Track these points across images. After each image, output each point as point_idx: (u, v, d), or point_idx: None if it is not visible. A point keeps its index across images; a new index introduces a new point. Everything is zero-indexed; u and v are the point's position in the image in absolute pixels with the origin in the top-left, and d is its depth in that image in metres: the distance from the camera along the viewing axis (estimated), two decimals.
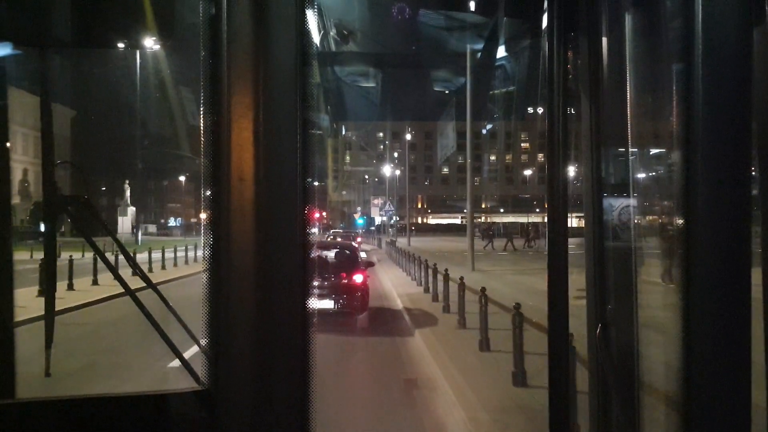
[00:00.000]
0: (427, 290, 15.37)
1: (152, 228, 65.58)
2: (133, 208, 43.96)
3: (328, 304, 11.08)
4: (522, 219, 72.24)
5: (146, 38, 1.65)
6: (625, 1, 1.86)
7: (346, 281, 11.56)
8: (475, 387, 6.65)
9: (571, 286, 1.83)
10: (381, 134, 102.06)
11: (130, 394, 1.25)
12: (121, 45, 1.70)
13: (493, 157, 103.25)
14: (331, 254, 12.81)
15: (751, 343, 1.28)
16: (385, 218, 55.77)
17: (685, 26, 1.30)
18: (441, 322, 11.15)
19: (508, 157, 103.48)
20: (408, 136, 48.36)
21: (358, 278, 11.72)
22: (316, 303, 1.14)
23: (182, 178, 71.48)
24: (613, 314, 1.85)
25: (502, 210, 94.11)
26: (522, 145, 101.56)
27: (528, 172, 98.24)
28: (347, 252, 13.30)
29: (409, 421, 5.90)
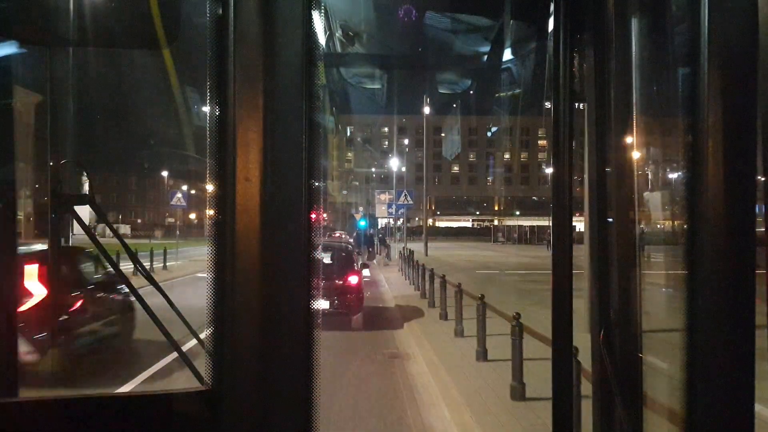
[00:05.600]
0: None
1: (126, 228, 59.83)
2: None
3: (323, 304, 11.55)
4: (544, 222, 69.60)
5: (152, 38, 1.65)
6: (631, 3, 1.85)
7: (341, 282, 12.06)
8: None
9: None
10: (386, 129, 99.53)
11: (134, 394, 1.26)
12: (127, 45, 1.70)
13: (507, 155, 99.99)
14: (327, 256, 13.13)
15: (755, 348, 1.27)
16: (392, 218, 48.43)
17: (691, 29, 1.30)
18: None
19: (523, 155, 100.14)
20: (426, 110, 41.30)
21: (353, 279, 12.23)
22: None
23: (165, 174, 69.75)
24: (617, 318, 1.84)
25: (518, 213, 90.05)
26: (540, 142, 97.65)
27: (549, 170, 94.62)
28: (343, 254, 13.55)
29: None
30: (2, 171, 1.69)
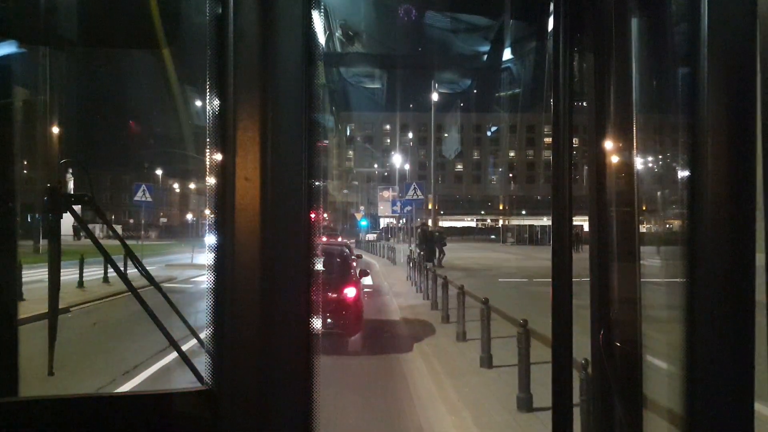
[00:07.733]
0: None
1: (117, 229, 57.73)
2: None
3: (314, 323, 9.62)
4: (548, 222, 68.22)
5: (152, 38, 1.65)
6: (631, 3, 1.85)
7: (336, 296, 9.61)
8: None
9: None
10: (388, 126, 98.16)
11: (134, 393, 1.26)
12: (127, 44, 1.70)
13: (512, 153, 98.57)
14: (318, 262, 10.69)
15: (755, 349, 1.27)
16: (395, 217, 41.55)
17: (691, 29, 1.30)
18: None
19: (529, 152, 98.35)
20: (434, 96, 35.61)
21: (350, 293, 9.83)
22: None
23: (159, 172, 69.34)
24: (617, 318, 1.84)
25: (524, 212, 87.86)
26: (545, 140, 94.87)
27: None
28: (338, 260, 11.05)
29: None
30: (2, 170, 1.69)
